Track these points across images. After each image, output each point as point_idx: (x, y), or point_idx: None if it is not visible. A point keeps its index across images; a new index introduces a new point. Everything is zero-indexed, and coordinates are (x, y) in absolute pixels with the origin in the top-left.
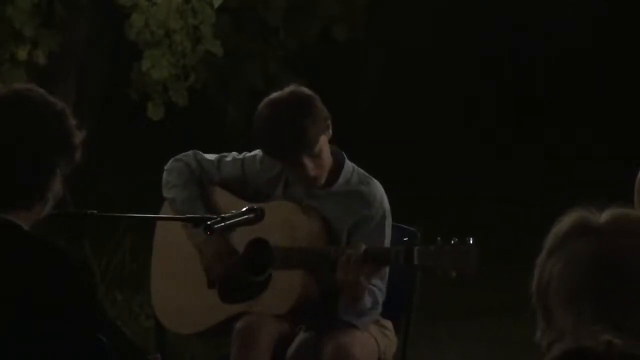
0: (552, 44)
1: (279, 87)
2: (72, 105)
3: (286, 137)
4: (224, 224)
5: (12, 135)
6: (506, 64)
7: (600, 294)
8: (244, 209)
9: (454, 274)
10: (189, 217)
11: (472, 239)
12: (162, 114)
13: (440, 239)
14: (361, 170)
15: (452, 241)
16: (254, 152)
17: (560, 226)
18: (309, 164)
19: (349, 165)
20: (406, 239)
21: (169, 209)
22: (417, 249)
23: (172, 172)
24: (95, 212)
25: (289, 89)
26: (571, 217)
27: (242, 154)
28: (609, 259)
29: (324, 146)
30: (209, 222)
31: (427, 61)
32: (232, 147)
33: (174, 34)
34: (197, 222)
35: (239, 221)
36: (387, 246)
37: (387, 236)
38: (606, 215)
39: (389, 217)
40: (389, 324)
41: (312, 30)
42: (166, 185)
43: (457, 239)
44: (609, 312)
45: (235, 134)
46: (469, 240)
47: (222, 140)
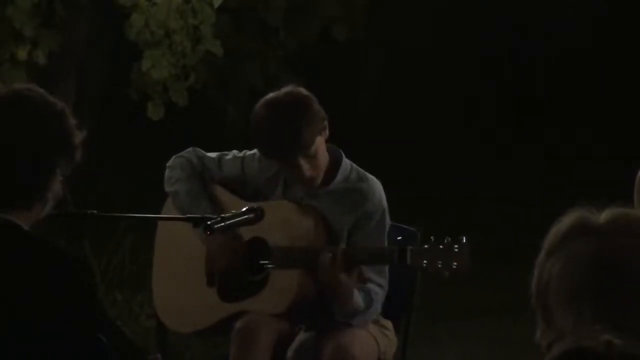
0: (552, 44)
1: (279, 87)
2: (72, 105)
3: (282, 138)
4: (223, 224)
5: (12, 135)
6: (506, 64)
7: (600, 294)
8: (244, 209)
9: (447, 273)
10: (189, 217)
11: (465, 238)
12: (162, 114)
13: (433, 238)
14: (360, 168)
15: (446, 240)
16: (253, 150)
17: (560, 226)
18: (304, 164)
19: (346, 162)
20: (399, 238)
21: (172, 206)
22: (410, 248)
23: (174, 168)
24: (95, 212)
25: (286, 90)
26: (571, 217)
27: (243, 152)
28: (609, 259)
29: (320, 147)
30: (209, 222)
31: (427, 61)
32: (232, 147)
33: (174, 34)
34: (197, 222)
35: (239, 221)
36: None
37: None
38: (606, 215)
39: (387, 216)
40: (389, 324)
41: (312, 30)
42: (169, 180)
43: (450, 238)
44: (609, 312)
45: (235, 134)
46: (462, 239)
47: (222, 140)
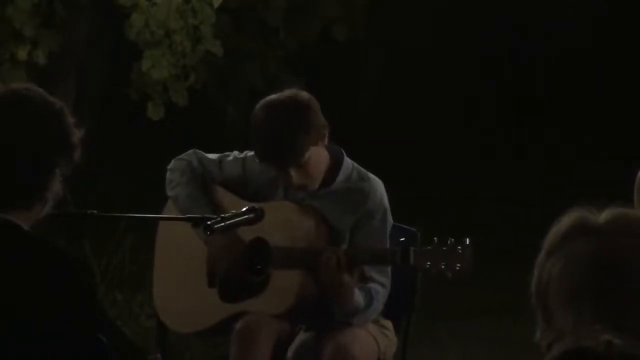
0: (552, 44)
1: (279, 87)
2: (72, 105)
3: (275, 145)
4: (224, 224)
5: (11, 135)
6: (506, 64)
7: (600, 294)
8: (244, 209)
9: (450, 274)
10: (189, 217)
11: (468, 240)
12: (162, 114)
13: (436, 239)
14: (361, 168)
15: (449, 242)
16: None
17: (559, 226)
18: (293, 174)
19: (348, 162)
20: (402, 239)
21: (173, 208)
22: (413, 249)
23: (175, 171)
24: (95, 212)
25: (287, 93)
26: (571, 217)
27: (244, 152)
28: (609, 259)
29: (314, 156)
30: (209, 222)
31: (427, 61)
32: (232, 147)
33: (174, 34)
34: (197, 222)
35: (239, 221)
36: (385, 246)
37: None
38: (606, 215)
39: (389, 216)
40: (389, 324)
41: (312, 30)
42: (169, 184)
43: (453, 239)
44: (609, 312)
45: (235, 134)
46: (465, 240)
47: (222, 140)
